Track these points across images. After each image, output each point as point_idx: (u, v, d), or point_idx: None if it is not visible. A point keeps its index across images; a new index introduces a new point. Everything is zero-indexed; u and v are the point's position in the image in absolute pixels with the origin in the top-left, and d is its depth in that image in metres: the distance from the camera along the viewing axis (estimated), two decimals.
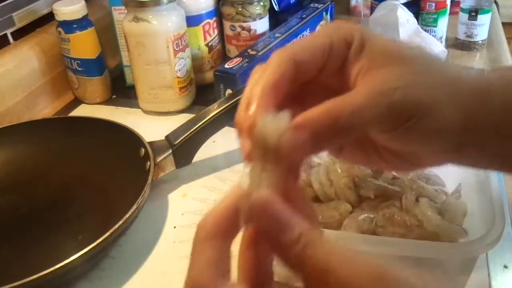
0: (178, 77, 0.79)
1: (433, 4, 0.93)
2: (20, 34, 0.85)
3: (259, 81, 0.30)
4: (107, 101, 0.88)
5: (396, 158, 0.34)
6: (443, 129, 0.30)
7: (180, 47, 0.78)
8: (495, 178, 0.47)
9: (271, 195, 0.25)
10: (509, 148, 0.32)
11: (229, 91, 0.73)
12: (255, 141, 0.27)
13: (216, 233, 0.26)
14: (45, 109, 0.86)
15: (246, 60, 0.76)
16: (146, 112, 0.83)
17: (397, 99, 0.29)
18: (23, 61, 0.81)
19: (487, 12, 0.92)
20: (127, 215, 0.51)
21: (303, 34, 0.87)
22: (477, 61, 0.93)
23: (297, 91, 0.32)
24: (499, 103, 0.31)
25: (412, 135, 0.30)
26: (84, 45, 0.83)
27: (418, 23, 0.91)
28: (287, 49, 0.31)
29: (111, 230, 0.50)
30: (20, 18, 0.84)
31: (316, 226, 0.28)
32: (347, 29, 0.32)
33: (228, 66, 0.74)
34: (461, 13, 0.95)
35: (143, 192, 0.55)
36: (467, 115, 0.30)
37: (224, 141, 0.72)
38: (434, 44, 0.88)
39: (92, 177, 0.66)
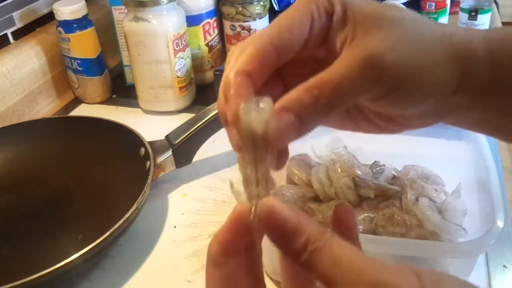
0: (178, 77, 0.79)
1: (433, 4, 0.93)
2: (20, 33, 0.85)
3: (237, 68, 0.29)
4: (107, 101, 0.88)
5: (385, 122, 0.33)
6: (436, 92, 0.29)
7: (180, 47, 0.78)
8: (495, 178, 0.47)
9: (274, 203, 0.25)
10: (496, 107, 0.31)
11: None
12: (242, 133, 0.27)
13: (222, 254, 0.26)
14: (45, 109, 0.86)
15: None
16: (146, 111, 0.83)
17: (383, 66, 0.27)
18: (23, 61, 0.81)
19: (487, 12, 0.92)
20: (127, 215, 0.51)
21: None
22: None
23: (281, 67, 0.30)
24: (487, 62, 0.29)
25: (403, 100, 0.29)
26: (84, 45, 0.83)
27: None
28: (265, 34, 0.29)
29: (111, 230, 0.50)
30: (20, 17, 0.84)
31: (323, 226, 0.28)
32: None
33: None
34: (461, 13, 0.95)
35: (143, 192, 0.55)
36: (459, 77, 0.29)
37: (224, 140, 0.72)
38: None
39: (92, 176, 0.66)
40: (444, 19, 0.94)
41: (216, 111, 0.64)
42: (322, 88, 0.27)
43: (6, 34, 0.82)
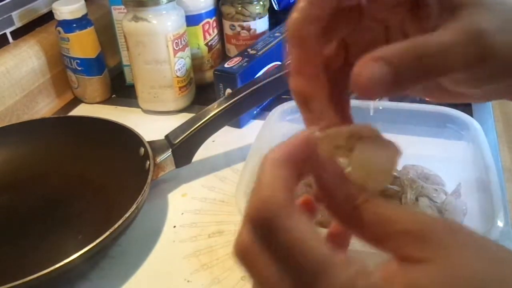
0: (177, 77, 0.79)
1: None
2: (19, 33, 0.85)
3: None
4: (107, 101, 0.88)
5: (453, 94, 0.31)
6: None
7: (180, 47, 0.78)
8: (495, 178, 0.47)
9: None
10: None
11: (228, 91, 0.73)
12: None
13: (287, 158, 0.24)
14: (45, 109, 0.86)
15: (246, 59, 0.75)
16: (146, 111, 0.83)
17: (492, 44, 0.25)
18: (23, 61, 0.81)
19: None
20: (126, 215, 0.51)
21: None
22: None
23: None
24: None
25: (496, 80, 0.27)
26: (83, 45, 0.83)
27: None
28: None
29: (110, 230, 0.50)
30: (20, 17, 0.84)
31: None
32: None
33: (228, 66, 0.74)
34: None
35: (142, 192, 0.55)
36: None
37: (224, 140, 0.72)
38: None
39: (91, 176, 0.66)
40: None
41: (216, 111, 0.65)
42: (428, 49, 0.25)
43: (5, 33, 0.82)
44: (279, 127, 0.60)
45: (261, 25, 0.87)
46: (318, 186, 0.25)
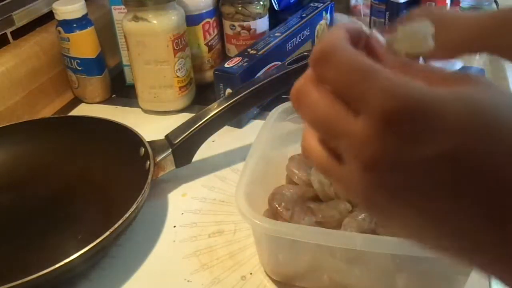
0: (178, 77, 0.79)
1: (433, 4, 0.93)
2: (19, 33, 0.85)
3: None
4: (107, 101, 0.88)
5: None
6: None
7: (180, 47, 0.78)
8: None
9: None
10: None
11: (229, 91, 0.73)
12: None
13: (344, 28, 0.27)
14: (45, 109, 0.86)
15: (246, 59, 0.75)
16: (146, 111, 0.83)
17: None
18: (23, 61, 0.81)
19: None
20: (126, 215, 0.51)
21: (303, 34, 0.87)
22: (477, 61, 0.93)
23: None
24: None
25: None
26: (83, 45, 0.83)
27: None
28: None
29: (111, 230, 0.50)
30: (20, 17, 0.84)
31: None
32: None
33: (228, 66, 0.74)
34: None
35: (142, 192, 0.55)
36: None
37: (224, 140, 0.72)
38: None
39: (92, 176, 0.66)
40: None
41: (216, 111, 0.65)
42: None
43: (5, 33, 0.82)
44: (279, 127, 0.60)
45: (261, 25, 0.87)
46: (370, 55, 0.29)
